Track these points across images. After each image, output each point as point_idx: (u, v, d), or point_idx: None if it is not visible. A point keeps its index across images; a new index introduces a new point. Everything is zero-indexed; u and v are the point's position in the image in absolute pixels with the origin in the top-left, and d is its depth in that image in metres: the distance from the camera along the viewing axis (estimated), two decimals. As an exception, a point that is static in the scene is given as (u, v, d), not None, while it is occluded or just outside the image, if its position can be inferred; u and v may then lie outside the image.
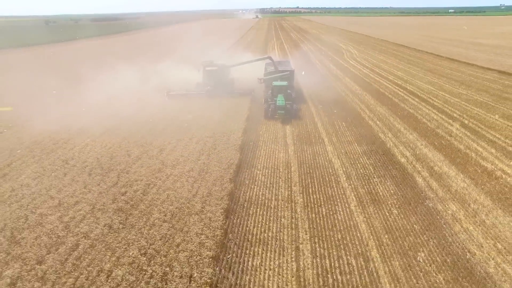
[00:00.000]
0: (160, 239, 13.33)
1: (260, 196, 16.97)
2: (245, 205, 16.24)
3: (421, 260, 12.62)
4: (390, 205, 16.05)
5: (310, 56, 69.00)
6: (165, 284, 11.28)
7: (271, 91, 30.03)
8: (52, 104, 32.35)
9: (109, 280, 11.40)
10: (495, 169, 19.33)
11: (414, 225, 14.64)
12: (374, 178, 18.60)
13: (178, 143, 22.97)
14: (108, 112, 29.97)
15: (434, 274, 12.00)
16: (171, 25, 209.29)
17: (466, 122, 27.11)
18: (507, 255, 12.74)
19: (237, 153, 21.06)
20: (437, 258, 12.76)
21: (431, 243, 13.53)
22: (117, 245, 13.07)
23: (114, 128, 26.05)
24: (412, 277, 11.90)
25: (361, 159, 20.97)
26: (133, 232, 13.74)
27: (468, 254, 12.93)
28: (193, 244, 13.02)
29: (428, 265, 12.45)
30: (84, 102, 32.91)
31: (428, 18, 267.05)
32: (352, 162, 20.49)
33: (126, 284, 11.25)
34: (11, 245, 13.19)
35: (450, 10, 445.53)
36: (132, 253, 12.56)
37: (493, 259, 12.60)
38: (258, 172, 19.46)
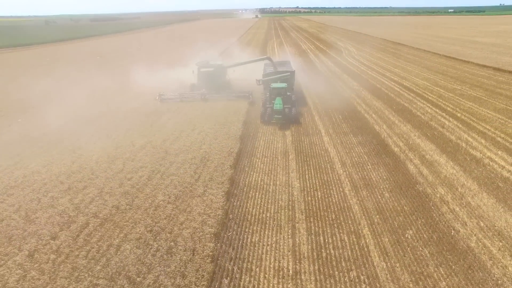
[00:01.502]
0: (165, 218, 14.23)
1: (259, 182, 17.87)
2: (245, 189, 17.14)
3: (409, 237, 13.52)
4: (382, 189, 16.95)
5: (309, 53, 69.89)
6: (170, 257, 12.17)
7: (269, 94, 28.20)
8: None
9: (118, 253, 12.30)
10: (484, 157, 20.24)
11: (404, 207, 15.54)
12: (368, 165, 19.50)
13: (181, 134, 23.89)
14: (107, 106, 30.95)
15: (420, 249, 12.90)
16: (168, 25, 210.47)
17: (459, 115, 28.02)
18: (487, 232, 13.64)
19: (237, 142, 21.99)
20: (424, 235, 13.66)
21: (419, 222, 14.43)
22: (125, 223, 13.98)
23: (119, 120, 26.98)
24: (400, 251, 12.80)
25: (356, 148, 21.88)
26: (139, 213, 14.65)
27: (453, 231, 13.82)
28: (196, 222, 13.93)
29: (415, 241, 13.35)
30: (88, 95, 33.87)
31: (428, 18, 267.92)
32: (347, 151, 21.41)
33: (134, 256, 12.15)
34: (26, 223, 14.10)
35: (449, 10, 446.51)
36: (139, 230, 13.47)
37: (475, 235, 13.50)
38: (257, 160, 20.37)
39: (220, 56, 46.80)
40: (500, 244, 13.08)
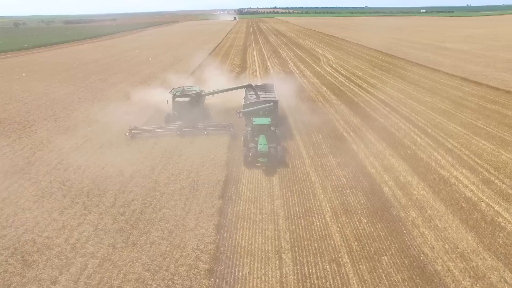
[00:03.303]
0: (161, 256, 15.18)
1: (246, 211, 19.03)
2: (234, 220, 18.26)
3: (384, 263, 15.01)
4: (360, 214, 18.44)
5: (289, 62, 71.49)
6: (169, 296, 13.16)
7: (251, 130, 25.78)
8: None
9: (119, 295, 13.18)
10: (450, 176, 22.14)
11: (380, 232, 17.06)
12: (347, 189, 21.00)
13: (168, 161, 24.73)
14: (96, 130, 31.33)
15: (394, 275, 14.40)
16: (145, 29, 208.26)
17: (429, 131, 30.04)
18: (451, 254, 15.33)
19: (223, 169, 23.07)
20: (397, 260, 15.19)
21: (393, 247, 15.96)
22: (123, 263, 14.84)
23: (105, 146, 27.51)
24: (376, 277, 14.26)
25: (335, 171, 23.36)
26: (135, 250, 15.53)
27: (422, 255, 15.42)
28: (190, 258, 14.95)
29: (390, 266, 14.85)
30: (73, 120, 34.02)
31: (401, 19, 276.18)
32: (327, 175, 22.84)
33: (134, 297, 13.07)
34: (24, 268, 14.71)
35: (422, 10, 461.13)
36: (137, 270, 14.37)
37: (441, 258, 15.15)
38: (243, 187, 21.51)
39: (196, 82, 42.73)
40: (461, 266, 14.76)
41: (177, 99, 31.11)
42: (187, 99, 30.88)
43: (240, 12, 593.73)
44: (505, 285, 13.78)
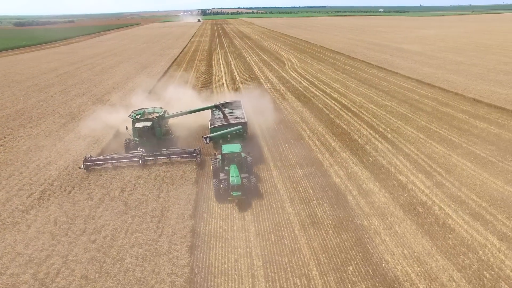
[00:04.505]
0: (136, 284, 15.34)
1: (218, 229, 19.51)
2: (206, 239, 18.69)
3: (349, 273, 16.07)
4: (326, 226, 19.47)
5: (254, 68, 72.34)
6: (145, 325, 13.40)
7: (221, 159, 24.09)
8: None
9: (94, 328, 13.24)
10: (408, 181, 23.80)
11: (345, 242, 18.16)
12: (314, 200, 22.02)
13: (137, 180, 24.64)
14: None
15: (359, 284, 15.48)
16: (105, 33, 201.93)
17: (389, 136, 31.90)
18: (409, 259, 16.68)
19: (193, 186, 23.37)
20: (362, 269, 16.30)
21: (358, 257, 17.08)
22: (96, 294, 14.85)
23: (70, 167, 26.88)
24: (343, 288, 15.27)
25: (302, 182, 24.34)
26: (109, 280, 15.56)
27: (384, 262, 16.65)
28: (166, 284, 15.24)
29: (355, 276, 15.93)
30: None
31: (361, 19, 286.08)
32: (295, 187, 23.76)
33: (110, 329, 13.18)
34: (-8, 308, 14.34)
35: (380, 10, 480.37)
36: (112, 300, 14.45)
37: (400, 263, 16.45)
38: (214, 204, 21.95)
39: (159, 102, 38.16)
40: (418, 269, 16.13)
41: (137, 124, 28.11)
42: (149, 123, 27.98)
43: (204, 13, 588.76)
44: (454, 283, 15.25)
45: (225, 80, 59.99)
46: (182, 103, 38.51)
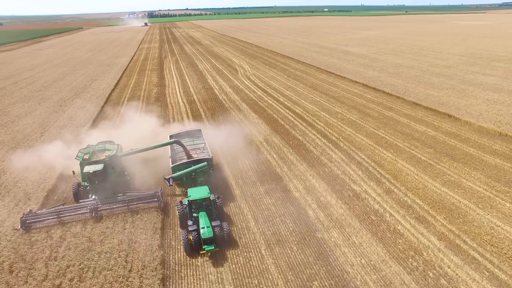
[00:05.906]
0: (109, 326, 15.36)
1: (187, 257, 19.90)
2: (177, 268, 19.04)
3: (315, 288, 17.38)
4: (291, 243, 20.69)
5: (207, 77, 72.44)
6: None
7: (188, 206, 21.99)
8: None
9: None
10: (361, 191, 25.84)
11: (309, 257, 19.48)
12: (276, 217, 23.16)
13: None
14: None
15: (324, 298, 16.84)
16: (40, 41, 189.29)
17: (342, 145, 34.08)
18: (367, 268, 18.42)
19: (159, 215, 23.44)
20: (326, 283, 17.70)
21: (321, 271, 18.46)
22: None
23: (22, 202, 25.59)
24: (310, 304, 16.51)
25: (264, 200, 25.39)
26: (81, 326, 15.42)
27: (345, 274, 18.20)
28: (140, 323, 15.43)
29: (320, 290, 17.27)
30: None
31: (308, 19, 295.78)
32: (257, 205, 24.75)
33: None
34: None
35: (325, 9, 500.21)
36: None
37: (359, 273, 18.10)
38: (180, 230, 22.24)
39: (110, 137, 31.07)
40: (375, 277, 17.87)
41: (87, 168, 24.27)
42: (100, 166, 24.30)
43: (151, 15, 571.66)
44: (405, 286, 17.16)
45: (179, 92, 59.50)
46: (139, 128, 36.53)
